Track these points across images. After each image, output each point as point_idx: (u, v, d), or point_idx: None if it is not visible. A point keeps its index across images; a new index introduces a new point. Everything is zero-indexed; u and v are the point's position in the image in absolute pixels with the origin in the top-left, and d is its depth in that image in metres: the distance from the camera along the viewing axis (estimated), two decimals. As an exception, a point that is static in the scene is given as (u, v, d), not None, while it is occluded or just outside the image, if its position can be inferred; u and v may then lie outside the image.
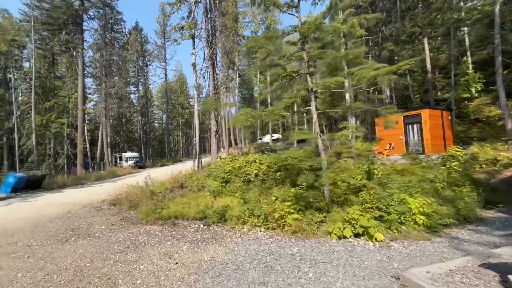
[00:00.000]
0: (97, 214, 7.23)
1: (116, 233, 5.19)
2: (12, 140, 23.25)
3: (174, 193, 9.09)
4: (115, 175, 19.58)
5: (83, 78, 23.04)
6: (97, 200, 9.33)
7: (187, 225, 5.51)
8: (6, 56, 23.08)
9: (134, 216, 6.77)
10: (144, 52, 35.32)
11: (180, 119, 46.90)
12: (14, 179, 12.23)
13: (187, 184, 9.93)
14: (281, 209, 4.89)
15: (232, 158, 11.82)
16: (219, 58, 13.14)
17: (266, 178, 8.31)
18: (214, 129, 12.72)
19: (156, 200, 7.90)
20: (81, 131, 21.95)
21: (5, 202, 9.97)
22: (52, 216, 7.05)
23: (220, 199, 6.48)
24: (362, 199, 5.00)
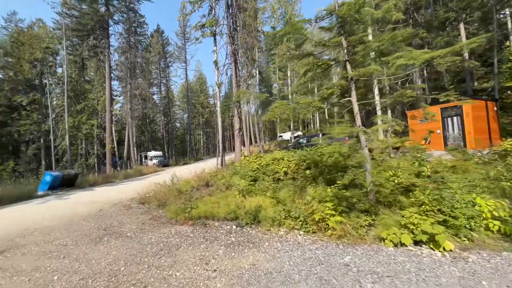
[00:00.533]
0: (127, 212, 7.19)
1: (147, 234, 5.00)
2: (49, 141, 24.74)
3: (201, 191, 8.90)
4: (141, 173, 20.07)
5: (110, 81, 23.88)
6: (126, 198, 9.40)
7: (219, 226, 5.20)
8: (42, 63, 24.52)
9: (163, 215, 6.62)
10: (165, 53, 36.06)
11: (201, 118, 47.54)
12: (51, 178, 12.79)
13: (213, 182, 9.72)
14: (322, 211, 4.40)
15: (257, 155, 11.45)
16: (240, 54, 12.79)
17: (296, 176, 7.83)
18: (237, 126, 12.43)
19: (183, 199, 7.73)
20: (109, 131, 22.79)
21: (42, 200, 10.40)
22: (85, 214, 7.11)
23: (250, 199, 6.11)
24: (415, 200, 4.37)
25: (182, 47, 37.01)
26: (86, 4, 23.03)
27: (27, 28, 26.78)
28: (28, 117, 25.18)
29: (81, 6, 23.62)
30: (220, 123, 14.15)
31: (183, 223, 5.63)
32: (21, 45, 24.30)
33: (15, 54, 24.74)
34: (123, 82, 25.76)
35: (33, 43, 23.76)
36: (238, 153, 12.44)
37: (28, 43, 23.93)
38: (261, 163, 9.26)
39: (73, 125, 21.92)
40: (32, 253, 4.33)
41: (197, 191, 9.05)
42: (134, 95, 24.10)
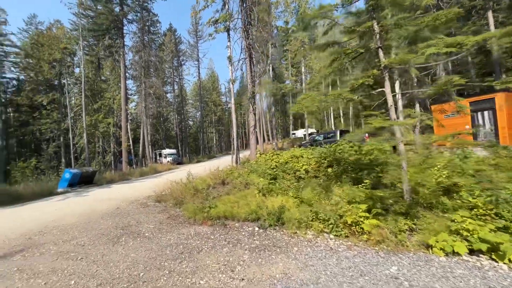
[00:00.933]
0: (144, 211, 7.02)
1: (166, 234, 4.76)
2: (68, 139, 25.44)
3: (217, 190, 8.67)
4: (156, 171, 20.20)
5: (125, 80, 24.16)
6: (142, 196, 9.31)
7: (240, 227, 4.88)
8: (60, 63, 25.17)
9: (180, 214, 6.39)
10: (178, 52, 36.19)
11: (213, 116, 47.61)
12: (70, 175, 12.99)
13: (229, 180, 9.45)
14: (355, 213, 3.98)
15: (273, 153, 11.08)
16: (255, 49, 12.39)
17: (317, 174, 7.39)
18: (252, 123, 12.08)
19: (200, 198, 7.50)
20: (125, 129, 23.10)
21: (62, 197, 10.52)
22: (103, 212, 7.01)
23: (271, 198, 5.75)
24: (461, 201, 3.86)
25: (194, 45, 37.02)
26: (101, 4, 23.34)
27: (46, 29, 27.57)
28: (48, 116, 26.00)
29: (97, 7, 23.99)
30: (235, 119, 13.86)
31: (202, 223, 5.36)
32: (40, 46, 25.04)
33: (35, 55, 25.53)
34: (138, 81, 26.03)
35: (52, 44, 24.41)
36: (253, 151, 12.11)
37: (47, 44, 24.60)
38: (279, 160, 8.88)
39: (91, 123, 22.36)
40: (50, 252, 4.19)
41: (213, 189, 8.82)
42: (149, 93, 24.27)
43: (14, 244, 4.74)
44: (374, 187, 5.56)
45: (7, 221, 6.63)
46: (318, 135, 15.96)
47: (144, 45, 24.56)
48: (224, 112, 52.15)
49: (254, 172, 8.90)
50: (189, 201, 7.52)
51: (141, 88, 24.34)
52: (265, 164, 9.40)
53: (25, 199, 10.54)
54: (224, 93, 52.76)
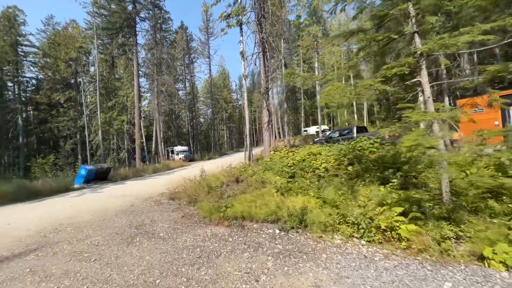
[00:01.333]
0: (158, 209, 6.84)
1: (181, 235, 4.51)
2: (84, 136, 26.02)
3: (231, 188, 8.40)
4: (168, 167, 20.25)
5: (138, 77, 24.33)
6: (156, 193, 9.18)
7: (259, 229, 4.56)
8: (76, 62, 25.67)
9: (195, 213, 6.15)
10: (189, 49, 36.18)
11: (224, 113, 47.56)
12: (85, 171, 13.12)
13: (243, 178, 9.16)
14: (390, 217, 3.56)
15: (288, 150, 10.69)
16: (269, 42, 11.95)
17: (337, 173, 6.95)
18: (266, 119, 11.70)
19: (215, 196, 7.24)
20: (138, 127, 23.31)
21: (78, 193, 10.58)
22: (117, 209, 6.89)
23: (291, 198, 5.39)
24: None
25: (205, 42, 36.89)
26: (114, 3, 23.51)
27: (62, 29, 28.17)
28: (65, 114, 26.65)
29: (110, 5, 24.20)
30: (248, 115, 13.53)
31: (218, 224, 5.08)
32: (57, 46, 25.62)
33: (52, 54, 26.16)
34: (150, 78, 26.17)
35: (68, 43, 24.92)
36: (267, 148, 11.76)
37: (64, 43, 25.13)
38: (296, 158, 8.48)
39: (105, 120, 22.70)
40: (63, 252, 4.02)
41: (227, 187, 8.57)
42: (161, 91, 24.36)
43: (29, 242, 4.63)
44: (402, 187, 5.10)
45: (25, 218, 6.62)
46: (333, 132, 15.38)
47: (156, 43, 24.60)
48: (234, 109, 52.01)
49: (270, 170, 8.56)
50: (203, 199, 7.28)
51: (153, 86, 24.45)
52: (280, 162, 9.03)
53: (43, 195, 10.68)
54: (235, 90, 52.58)
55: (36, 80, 32.46)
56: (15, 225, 5.90)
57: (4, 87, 27.43)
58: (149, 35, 25.41)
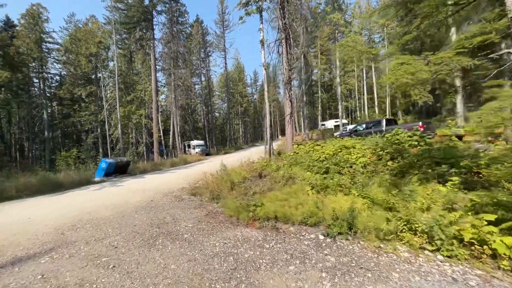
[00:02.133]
0: (179, 205, 6.35)
1: (208, 237, 3.93)
2: (105, 130, 26.47)
3: (255, 183, 7.78)
4: (186, 161, 20.03)
5: (155, 71, 24.18)
6: (175, 187, 8.75)
7: (297, 233, 3.88)
8: (96, 57, 25.94)
9: (219, 211, 5.58)
10: (205, 43, 35.69)
11: (239, 108, 46.98)
12: (106, 165, 13.02)
13: (266, 173, 8.52)
14: (477, 226, 2.75)
15: (314, 143, 9.89)
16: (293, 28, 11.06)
17: (377, 168, 6.11)
18: (288, 111, 10.92)
19: (238, 192, 6.66)
20: (156, 120, 23.25)
21: (98, 186, 10.41)
22: (137, 205, 6.47)
23: (331, 197, 4.66)
24: None
25: (221, 35, 36.21)
26: (131, -3, 23.33)
27: (83, 24, 28.54)
28: (87, 109, 27.16)
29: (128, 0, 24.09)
30: (268, 107, 12.81)
31: (248, 225, 4.46)
32: (78, 41, 25.97)
33: (74, 50, 26.58)
34: (167, 72, 25.97)
35: (88, 38, 25.18)
36: (290, 141, 11.00)
37: (84, 38, 25.43)
38: (326, 152, 7.68)
39: (124, 114, 22.81)
40: (80, 255, 3.56)
41: (250, 182, 7.97)
42: (178, 85, 24.09)
43: (45, 240, 4.24)
44: (465, 187, 4.23)
45: (45, 212, 6.35)
46: (359, 124, 14.30)
47: (173, 36, 24.25)
48: (249, 103, 51.27)
49: (296, 165, 7.84)
50: (226, 195, 6.72)
51: (170, 79, 24.22)
52: (308, 156, 8.28)
53: (66, 188, 10.62)
54: (250, 84, 51.72)
55: (59, 76, 33.41)
56: (35, 219, 5.62)
57: (31, 83, 28.33)
58: (166, 28, 25.10)
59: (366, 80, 35.42)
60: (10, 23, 29.28)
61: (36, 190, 9.88)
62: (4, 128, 33.74)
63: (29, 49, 26.02)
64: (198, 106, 41.69)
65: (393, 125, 12.90)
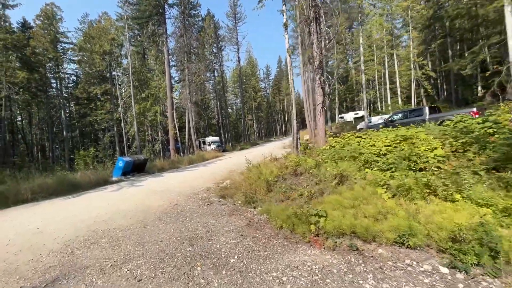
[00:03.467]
0: (210, 210, 5.26)
1: (265, 264, 2.77)
2: (121, 129, 26.06)
3: (291, 182, 6.60)
4: (204, 158, 19.11)
5: (169, 66, 23.32)
6: (200, 188, 7.70)
7: (396, 261, 2.64)
8: (110, 55, 25.39)
9: (262, 220, 4.43)
10: (218, 37, 34.52)
11: (253, 103, 45.68)
12: (123, 163, 12.23)
13: (302, 170, 7.31)
14: None
15: (353, 135, 8.52)
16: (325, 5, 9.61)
17: (460, 163, 4.71)
18: (320, 100, 9.56)
19: (278, 194, 5.49)
20: (171, 117, 22.45)
21: (116, 186, 9.56)
22: (160, 210, 5.44)
23: (421, 204, 3.36)
24: None
25: (233, 28, 34.89)
26: (142, -10, 22.43)
27: (96, 22, 28.10)
28: (103, 107, 26.81)
29: (139, -6, 23.23)
30: (294, 97, 11.48)
31: (310, 242, 3.27)
32: (92, 39, 25.49)
33: (88, 48, 26.17)
34: (180, 67, 25.07)
35: (101, 35, 24.62)
36: (322, 134, 9.66)
37: (97, 36, 24.89)
38: (378, 144, 6.32)
39: (140, 111, 22.15)
40: (92, 291, 2.50)
41: (285, 181, 6.79)
42: (192, 80, 23.13)
43: (50, 264, 3.23)
44: None
45: (57, 219, 5.45)
46: (395, 113, 12.68)
47: (185, 29, 23.20)
48: (263, 98, 49.85)
49: (342, 160, 6.55)
50: (263, 198, 5.56)
51: (184, 74, 23.29)
52: (352, 150, 6.96)
53: (82, 188, 9.88)
54: (262, 79, 50.19)
55: (75, 76, 33.42)
56: (44, 229, 4.69)
57: (48, 83, 28.31)
58: (178, 22, 24.10)
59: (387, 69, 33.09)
60: (27, 25, 29.31)
61: (52, 191, 9.16)
62: (26, 129, 34.32)
63: (45, 49, 25.85)
64: (211, 102, 40.81)
65: (437, 113, 11.27)
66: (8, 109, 26.78)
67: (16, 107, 28.84)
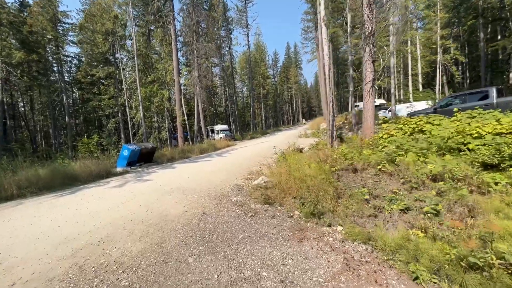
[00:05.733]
0: (260, 228, 3.45)
1: None
2: (126, 115, 24.21)
3: (354, 181, 4.83)
4: (215, 147, 17.31)
5: (176, 48, 21.04)
6: (226, 185, 5.89)
7: None
8: (113, 35, 23.11)
9: (363, 252, 2.60)
10: (227, 19, 31.81)
11: (262, 90, 43.23)
12: (128, 152, 10.47)
13: (362, 166, 5.50)
14: None
15: (422, 120, 6.58)
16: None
17: None
18: (370, 77, 7.54)
19: (356, 203, 3.66)
20: (179, 103, 20.45)
21: (120, 181, 7.80)
22: (183, 223, 3.66)
23: None
24: None
25: (243, 9, 32.08)
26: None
27: (97, -2, 25.61)
28: (106, 92, 24.86)
29: (143, -35, 20.67)
30: (328, 73, 9.37)
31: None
32: (93, 17, 23.19)
33: (89, 27, 23.92)
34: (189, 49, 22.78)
35: (103, 13, 22.28)
36: (370, 119, 7.70)
37: (99, 14, 22.55)
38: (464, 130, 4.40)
39: (145, 95, 20.18)
40: None
41: (340, 179, 5.01)
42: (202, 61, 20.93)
43: None
44: None
45: (35, 232, 3.70)
46: (449, 98, 10.56)
47: (194, 6, 20.73)
48: (271, 85, 47.33)
49: (422, 151, 4.66)
50: (334, 207, 3.73)
51: (193, 56, 21.05)
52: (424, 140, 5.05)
53: (81, 181, 8.20)
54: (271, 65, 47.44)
55: (78, 60, 31.26)
56: (10, 253, 2.93)
57: (49, 66, 26.26)
58: (186, -3, 21.57)
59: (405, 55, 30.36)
60: (25, 3, 26.94)
61: (44, 185, 7.47)
62: (28, 115, 32.60)
63: (44, 29, 23.62)
64: (218, 89, 38.53)
65: (504, 96, 9.22)
66: (7, 93, 25.00)
67: (16, 92, 26.99)
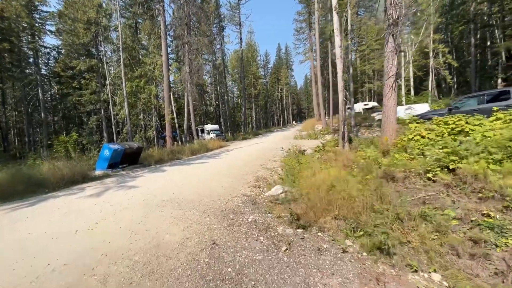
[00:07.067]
0: (299, 266, 2.28)
1: None
2: (109, 112, 22.17)
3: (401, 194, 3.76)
4: (208, 148, 15.94)
5: (166, 41, 19.35)
6: (233, 196, 4.66)
7: None
8: (96, 25, 21.06)
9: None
10: (219, 15, 30.39)
11: (253, 90, 42.04)
12: (110, 152, 8.93)
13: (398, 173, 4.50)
14: None
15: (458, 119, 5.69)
16: None
17: None
18: (394, 70, 6.61)
19: (432, 225, 2.58)
20: (168, 101, 18.80)
21: (98, 187, 6.33)
22: (182, 259, 2.42)
23: None
24: None
25: (235, 6, 30.81)
26: None
27: (78, -17, 23.38)
28: (88, 86, 22.66)
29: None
30: (341, 66, 8.41)
31: None
32: (74, 3, 21.03)
33: (69, 15, 21.69)
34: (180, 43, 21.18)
35: (85, 0, 20.22)
36: (392, 119, 6.76)
37: (80, 1, 20.45)
38: None
39: (131, 90, 18.38)
40: None
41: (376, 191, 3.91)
42: (194, 56, 19.45)
43: None
44: None
45: None
46: (463, 99, 9.93)
47: (186, -4, 19.20)
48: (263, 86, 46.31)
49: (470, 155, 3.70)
50: (406, 235, 2.64)
51: (184, 51, 19.51)
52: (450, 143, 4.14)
53: (49, 188, 6.66)
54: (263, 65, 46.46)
55: (57, 53, 28.56)
56: None
57: (23, 57, 23.62)
58: (177, -12, 20.02)
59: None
60: (-4, -13, 24.03)
61: (1, 193, 5.90)
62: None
63: (18, 16, 21.11)
64: (209, 88, 36.94)
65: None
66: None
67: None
